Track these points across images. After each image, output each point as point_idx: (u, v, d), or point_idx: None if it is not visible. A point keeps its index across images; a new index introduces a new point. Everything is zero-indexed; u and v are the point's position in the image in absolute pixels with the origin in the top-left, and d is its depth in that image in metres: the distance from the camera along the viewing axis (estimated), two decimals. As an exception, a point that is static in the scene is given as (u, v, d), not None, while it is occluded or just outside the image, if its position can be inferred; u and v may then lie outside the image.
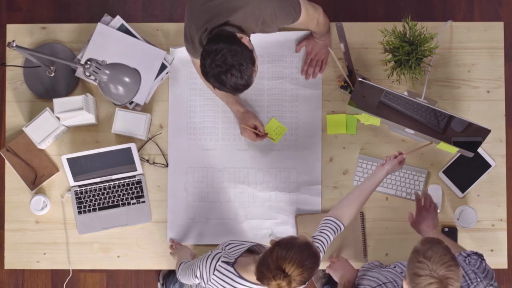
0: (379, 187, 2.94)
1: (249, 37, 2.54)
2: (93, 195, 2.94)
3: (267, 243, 2.94)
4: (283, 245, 2.27)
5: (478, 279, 2.41)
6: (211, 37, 2.46)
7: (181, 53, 2.99)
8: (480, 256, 2.49)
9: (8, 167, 2.98)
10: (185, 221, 2.96)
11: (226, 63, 2.40)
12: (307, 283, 2.30)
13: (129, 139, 2.98)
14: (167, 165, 2.97)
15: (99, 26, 2.96)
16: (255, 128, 2.92)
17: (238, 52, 2.41)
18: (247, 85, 2.46)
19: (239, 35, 2.46)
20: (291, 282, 2.25)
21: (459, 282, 2.21)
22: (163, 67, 2.96)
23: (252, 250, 2.55)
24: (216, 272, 2.45)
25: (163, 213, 2.97)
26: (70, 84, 2.99)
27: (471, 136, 2.64)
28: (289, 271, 2.23)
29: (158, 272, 3.53)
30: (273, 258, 2.26)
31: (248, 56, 2.43)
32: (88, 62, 2.54)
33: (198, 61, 2.69)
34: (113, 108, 2.99)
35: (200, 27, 2.54)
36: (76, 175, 2.93)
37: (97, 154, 2.91)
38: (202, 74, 2.46)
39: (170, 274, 3.43)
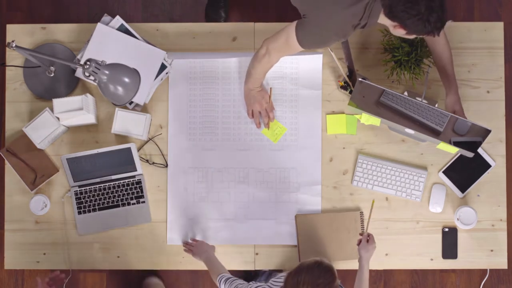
0: (379, 188, 2.94)
1: None
2: (93, 195, 2.94)
3: (267, 243, 2.94)
4: (293, 274, 2.31)
5: None
6: None
7: (181, 56, 2.99)
8: None
9: (8, 167, 2.98)
10: (185, 221, 2.96)
11: None
12: None
13: (128, 139, 2.98)
14: (166, 165, 2.97)
15: (99, 26, 2.96)
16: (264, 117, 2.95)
17: None
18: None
19: None
20: None
21: None
22: (163, 67, 2.96)
23: None
24: None
25: (163, 213, 2.97)
26: (70, 84, 2.99)
27: (471, 136, 2.64)
28: None
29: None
30: None
31: None
32: (88, 63, 2.54)
33: (297, 50, 2.65)
34: (113, 108, 2.99)
35: (356, 22, 2.52)
36: (76, 175, 2.93)
37: (97, 154, 2.91)
38: (423, 30, 2.38)
39: None
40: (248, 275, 3.50)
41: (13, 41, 2.56)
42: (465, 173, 2.94)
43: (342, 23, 2.51)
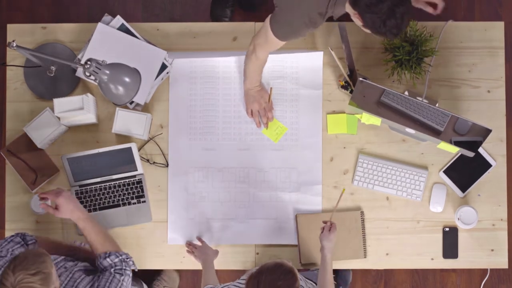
0: (380, 187, 2.94)
1: None
2: (94, 195, 2.94)
3: (267, 243, 2.94)
4: (253, 275, 2.30)
5: None
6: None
7: (181, 56, 2.99)
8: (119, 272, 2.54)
9: (9, 167, 2.97)
10: (185, 221, 2.95)
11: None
12: None
13: (129, 139, 2.98)
14: (167, 165, 2.97)
15: (100, 26, 2.96)
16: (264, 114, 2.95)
17: None
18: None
19: None
20: None
21: None
22: (163, 66, 2.96)
23: None
24: None
25: (163, 213, 2.96)
26: (71, 84, 2.99)
27: (471, 136, 2.64)
28: None
29: None
30: None
31: None
32: (88, 62, 2.54)
33: (277, 43, 2.64)
34: (113, 108, 2.99)
35: (324, 5, 2.50)
36: (76, 175, 2.93)
37: (97, 154, 2.91)
38: (377, 29, 2.37)
39: None
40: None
41: (13, 41, 2.56)
42: (465, 172, 2.94)
43: (308, 11, 2.52)
